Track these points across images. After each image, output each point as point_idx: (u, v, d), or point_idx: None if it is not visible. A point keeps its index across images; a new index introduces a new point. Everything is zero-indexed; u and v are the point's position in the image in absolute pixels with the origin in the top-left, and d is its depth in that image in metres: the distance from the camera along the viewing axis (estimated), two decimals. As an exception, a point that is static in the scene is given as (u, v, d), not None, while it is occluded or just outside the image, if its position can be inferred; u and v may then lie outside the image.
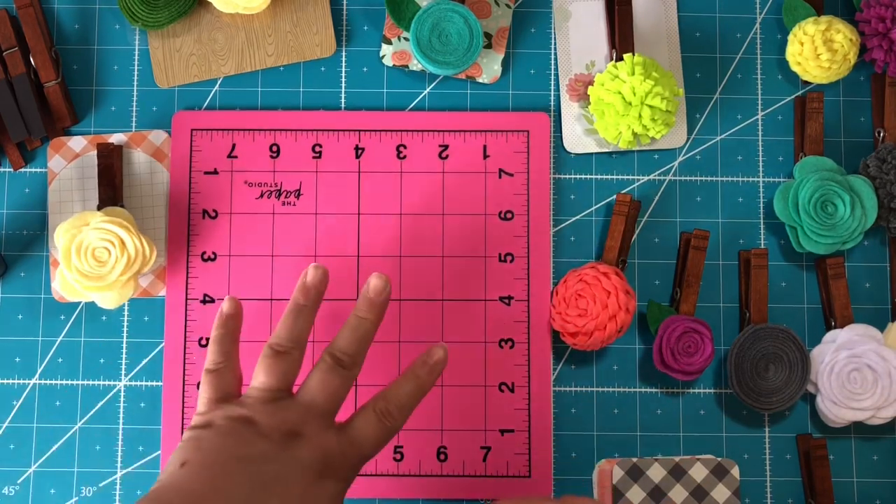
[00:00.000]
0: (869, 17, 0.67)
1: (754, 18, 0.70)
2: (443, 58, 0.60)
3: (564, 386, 0.66)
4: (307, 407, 0.51)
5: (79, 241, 0.61)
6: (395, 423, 0.53)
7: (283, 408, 0.51)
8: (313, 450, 0.49)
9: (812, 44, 0.66)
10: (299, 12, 0.68)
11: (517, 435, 0.65)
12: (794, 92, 0.69)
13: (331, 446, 0.50)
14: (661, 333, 0.64)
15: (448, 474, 0.65)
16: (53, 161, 0.67)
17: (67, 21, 0.69)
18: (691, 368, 0.63)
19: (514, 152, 0.67)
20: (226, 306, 0.56)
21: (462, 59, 0.61)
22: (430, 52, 0.60)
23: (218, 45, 0.68)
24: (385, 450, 0.64)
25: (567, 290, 0.64)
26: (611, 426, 0.66)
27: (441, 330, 0.66)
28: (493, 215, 0.67)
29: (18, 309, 0.67)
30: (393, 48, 0.67)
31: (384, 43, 0.67)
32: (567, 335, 0.64)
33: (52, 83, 0.67)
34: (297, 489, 0.48)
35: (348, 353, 0.54)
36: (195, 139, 0.67)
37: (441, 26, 0.59)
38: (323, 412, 0.52)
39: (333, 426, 0.52)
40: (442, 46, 0.60)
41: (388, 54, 0.67)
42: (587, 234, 0.68)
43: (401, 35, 0.65)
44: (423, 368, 0.55)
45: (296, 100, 0.69)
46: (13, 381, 0.66)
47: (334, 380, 0.52)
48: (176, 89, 0.69)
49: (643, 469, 0.62)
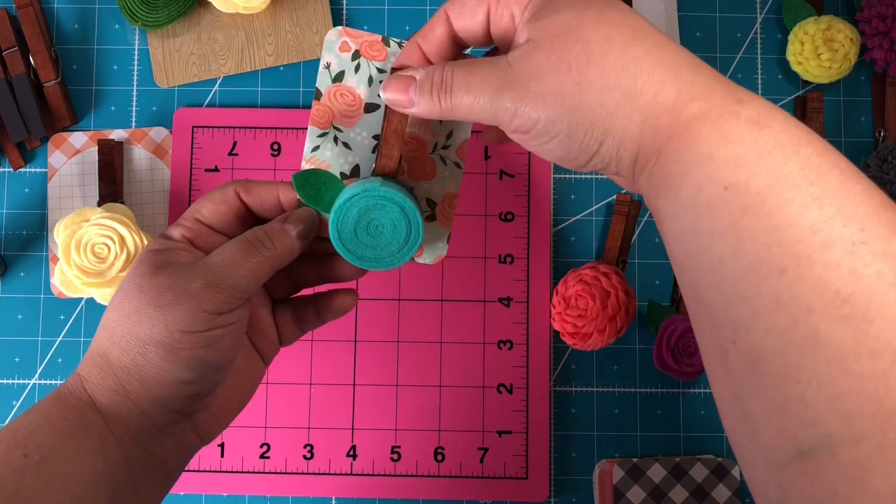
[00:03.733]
0: (869, 16, 0.67)
1: (755, 18, 0.70)
2: (371, 253, 0.45)
3: (564, 386, 0.66)
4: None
5: (79, 236, 0.61)
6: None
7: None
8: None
9: (813, 43, 0.66)
10: (299, 12, 0.69)
11: (515, 436, 0.65)
12: (795, 92, 0.69)
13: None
14: (661, 333, 0.63)
15: (445, 475, 0.64)
16: (54, 157, 0.67)
17: (67, 21, 0.69)
18: (691, 369, 0.63)
19: (515, 153, 0.67)
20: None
21: (394, 257, 0.45)
22: (354, 248, 0.44)
23: (218, 45, 0.68)
24: (383, 450, 0.64)
25: (567, 290, 0.64)
26: (611, 426, 0.66)
27: (440, 331, 0.66)
28: (494, 216, 0.67)
29: (18, 309, 0.67)
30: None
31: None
32: (567, 335, 0.64)
33: (51, 83, 0.67)
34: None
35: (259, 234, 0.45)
36: (196, 136, 0.67)
37: (370, 216, 0.44)
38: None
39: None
40: (371, 240, 0.44)
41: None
42: (587, 234, 0.68)
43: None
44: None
45: (295, 99, 0.69)
46: (13, 381, 0.66)
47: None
48: (176, 89, 0.69)
49: (643, 469, 0.61)
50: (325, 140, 0.46)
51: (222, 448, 0.65)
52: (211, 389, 0.42)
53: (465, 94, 0.39)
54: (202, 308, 0.40)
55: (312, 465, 0.65)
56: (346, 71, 0.46)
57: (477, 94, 0.39)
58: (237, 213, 0.45)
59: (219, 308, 0.40)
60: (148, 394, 0.40)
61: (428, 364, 0.65)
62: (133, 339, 0.40)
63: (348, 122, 0.46)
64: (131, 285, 0.41)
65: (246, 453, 0.65)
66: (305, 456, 0.65)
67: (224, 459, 0.65)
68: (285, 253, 0.43)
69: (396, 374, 0.65)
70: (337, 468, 0.65)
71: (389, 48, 0.47)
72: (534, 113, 0.38)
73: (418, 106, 0.41)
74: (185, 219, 0.44)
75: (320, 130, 0.46)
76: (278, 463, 0.65)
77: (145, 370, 0.40)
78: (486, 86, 0.39)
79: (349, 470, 0.65)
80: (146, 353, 0.40)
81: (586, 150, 0.38)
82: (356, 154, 0.46)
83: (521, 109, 0.38)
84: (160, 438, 0.42)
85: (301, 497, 0.65)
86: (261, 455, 0.65)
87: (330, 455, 0.65)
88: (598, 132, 0.37)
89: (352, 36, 0.46)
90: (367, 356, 0.66)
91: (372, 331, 0.66)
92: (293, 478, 0.65)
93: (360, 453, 0.65)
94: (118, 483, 0.40)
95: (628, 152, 0.38)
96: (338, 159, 0.47)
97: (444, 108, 0.40)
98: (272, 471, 0.65)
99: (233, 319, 0.41)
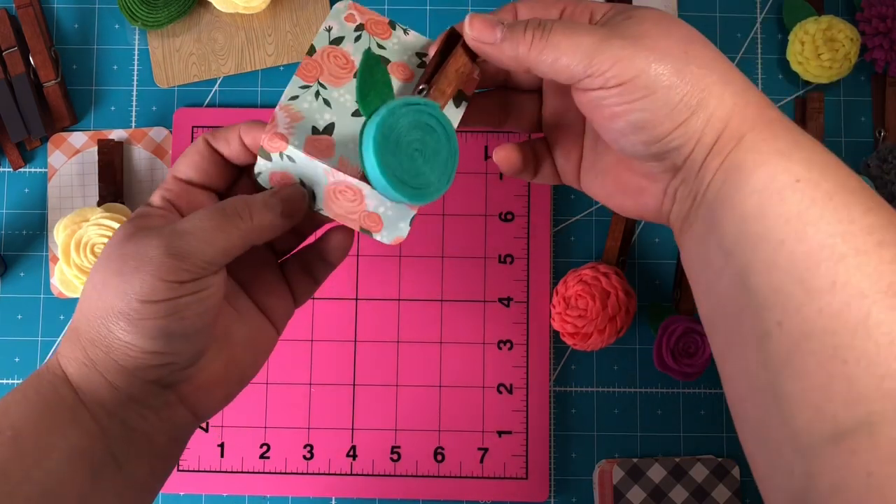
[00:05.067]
0: (869, 16, 0.67)
1: (755, 18, 0.70)
2: (403, 175, 0.40)
3: (564, 386, 0.66)
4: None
5: (78, 236, 0.61)
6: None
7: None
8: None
9: (813, 43, 0.66)
10: (299, 12, 0.69)
11: (515, 437, 0.65)
12: (795, 92, 0.69)
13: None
14: (661, 333, 0.63)
15: (445, 475, 0.64)
16: (54, 157, 0.67)
17: (67, 21, 0.69)
18: (691, 369, 0.63)
19: (514, 153, 0.67)
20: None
21: (417, 192, 0.40)
22: (389, 162, 0.39)
23: (218, 45, 0.68)
24: (383, 450, 0.64)
25: (567, 290, 0.64)
26: (611, 426, 0.66)
27: (440, 331, 0.66)
28: (494, 216, 0.67)
29: (18, 309, 0.67)
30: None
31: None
32: (567, 335, 0.64)
33: (51, 83, 0.67)
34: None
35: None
36: (196, 136, 0.67)
37: (414, 134, 0.40)
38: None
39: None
40: (408, 162, 0.40)
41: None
42: (587, 234, 0.68)
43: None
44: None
45: (295, 99, 0.69)
46: (13, 381, 0.66)
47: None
48: (176, 89, 0.69)
49: (643, 469, 0.61)
50: (306, 92, 0.43)
51: (222, 448, 0.65)
52: (188, 360, 0.40)
53: (564, 38, 0.39)
54: (160, 276, 0.38)
55: (312, 465, 0.65)
56: (345, 38, 0.45)
57: (579, 40, 0.39)
58: (214, 161, 0.43)
59: (180, 277, 0.38)
60: (115, 366, 0.39)
61: (428, 364, 0.65)
62: (98, 310, 0.39)
63: (335, 81, 0.44)
64: (103, 255, 0.40)
65: (246, 453, 0.65)
66: (305, 456, 0.65)
67: (224, 459, 0.65)
68: (263, 228, 0.41)
69: (396, 374, 0.65)
70: (337, 468, 0.65)
71: (395, 31, 0.46)
72: (640, 62, 0.38)
73: (502, 44, 0.41)
74: (165, 181, 0.43)
75: (304, 83, 0.44)
76: (278, 463, 0.65)
77: (109, 341, 0.39)
78: (592, 36, 0.39)
79: (349, 470, 0.65)
80: (108, 323, 0.38)
81: (675, 116, 0.39)
82: (335, 113, 0.43)
83: (628, 56, 0.38)
84: (139, 411, 0.40)
85: (301, 497, 0.65)
86: (261, 455, 0.65)
87: (330, 455, 0.65)
88: (693, 101, 0.39)
89: (360, 11, 0.45)
90: (367, 356, 0.66)
91: (372, 331, 0.66)
92: (293, 478, 0.65)
93: (360, 453, 0.65)
94: (97, 457, 0.39)
95: (714, 130, 0.39)
96: (314, 113, 0.43)
97: (534, 48, 0.40)
98: (272, 471, 0.65)
99: (199, 288, 0.39)
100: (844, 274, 0.35)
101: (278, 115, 0.42)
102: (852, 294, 0.34)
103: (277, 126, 0.42)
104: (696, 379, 0.65)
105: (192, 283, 0.39)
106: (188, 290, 0.39)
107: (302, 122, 0.42)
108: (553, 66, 0.40)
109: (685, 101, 0.39)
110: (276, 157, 0.42)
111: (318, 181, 0.42)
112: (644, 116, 0.39)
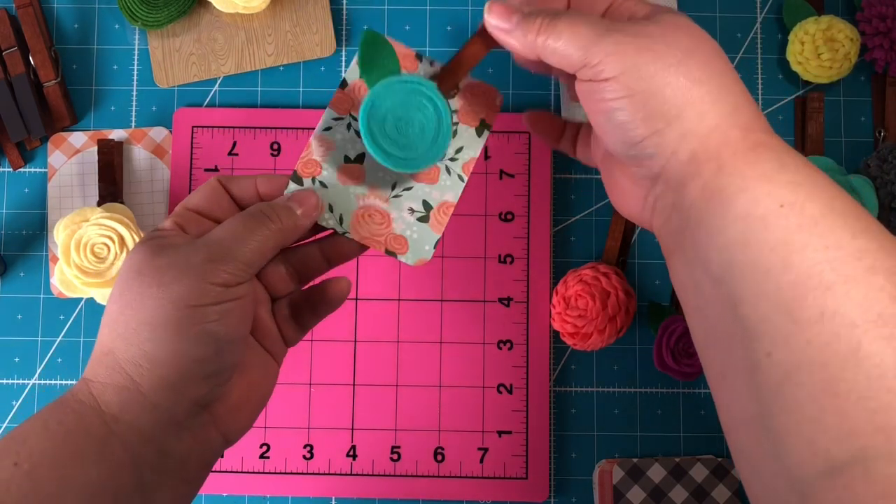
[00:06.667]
0: (870, 16, 0.67)
1: (755, 18, 0.70)
2: (391, 147, 0.44)
3: (564, 386, 0.66)
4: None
5: (78, 236, 0.61)
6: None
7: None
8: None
9: (813, 43, 0.66)
10: (299, 12, 0.69)
11: (515, 437, 0.65)
12: (795, 92, 0.69)
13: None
14: (661, 334, 0.63)
15: (445, 475, 0.64)
16: (54, 157, 0.67)
17: (67, 21, 0.69)
18: (691, 369, 0.63)
19: (515, 153, 0.67)
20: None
21: (409, 160, 0.45)
22: (380, 134, 0.44)
23: (218, 45, 0.68)
24: (383, 450, 0.64)
25: (567, 290, 0.64)
26: (611, 426, 0.66)
27: (440, 331, 0.66)
28: (494, 216, 0.67)
29: (18, 309, 0.67)
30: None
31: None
32: (567, 335, 0.64)
33: (51, 83, 0.67)
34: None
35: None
36: (196, 136, 0.67)
37: (403, 109, 0.44)
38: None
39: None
40: (396, 135, 0.44)
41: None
42: (587, 234, 0.68)
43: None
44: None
45: (296, 99, 0.69)
46: (13, 381, 0.66)
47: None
48: (175, 89, 0.69)
49: (643, 469, 0.61)
50: (339, 124, 0.47)
51: (222, 448, 0.65)
52: (228, 371, 0.41)
53: (567, 27, 0.40)
54: (208, 281, 0.39)
55: (312, 465, 0.65)
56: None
57: (581, 31, 0.40)
58: (224, 197, 0.44)
59: (226, 280, 0.39)
60: (161, 382, 0.39)
61: (428, 364, 0.65)
62: (138, 325, 0.38)
63: None
64: (129, 272, 0.40)
65: (246, 453, 0.65)
66: (305, 456, 0.65)
67: (224, 459, 0.65)
68: (291, 228, 0.43)
69: (396, 374, 0.65)
70: (337, 468, 0.65)
71: (421, 62, 0.48)
72: (629, 60, 0.38)
73: (515, 32, 0.42)
74: (174, 212, 0.44)
75: (336, 114, 0.47)
76: (278, 463, 0.65)
77: (156, 355, 0.38)
78: (594, 28, 0.40)
79: (349, 470, 0.65)
80: (154, 336, 0.38)
81: (651, 124, 0.39)
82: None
83: (619, 52, 0.39)
84: (177, 434, 0.40)
85: (301, 497, 0.65)
86: (260, 455, 0.65)
87: (330, 455, 0.65)
88: (671, 111, 0.38)
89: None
90: (367, 356, 0.66)
91: (372, 331, 0.66)
92: (293, 478, 0.65)
93: (360, 453, 0.65)
94: (121, 492, 0.38)
95: (689, 147, 0.39)
96: (346, 143, 0.47)
97: (540, 35, 0.41)
98: (272, 471, 0.65)
99: (241, 293, 0.40)
100: (833, 303, 0.34)
101: (313, 144, 0.47)
102: (842, 324, 0.33)
103: (312, 153, 0.47)
104: (696, 379, 0.65)
105: (235, 288, 0.40)
106: (232, 294, 0.40)
107: (334, 152, 0.47)
108: (555, 53, 0.41)
109: (662, 111, 0.38)
110: (308, 181, 0.46)
111: (348, 206, 0.46)
112: (622, 117, 0.39)
